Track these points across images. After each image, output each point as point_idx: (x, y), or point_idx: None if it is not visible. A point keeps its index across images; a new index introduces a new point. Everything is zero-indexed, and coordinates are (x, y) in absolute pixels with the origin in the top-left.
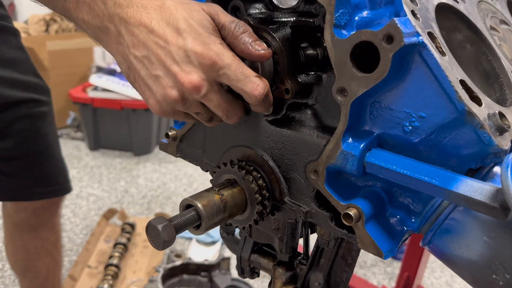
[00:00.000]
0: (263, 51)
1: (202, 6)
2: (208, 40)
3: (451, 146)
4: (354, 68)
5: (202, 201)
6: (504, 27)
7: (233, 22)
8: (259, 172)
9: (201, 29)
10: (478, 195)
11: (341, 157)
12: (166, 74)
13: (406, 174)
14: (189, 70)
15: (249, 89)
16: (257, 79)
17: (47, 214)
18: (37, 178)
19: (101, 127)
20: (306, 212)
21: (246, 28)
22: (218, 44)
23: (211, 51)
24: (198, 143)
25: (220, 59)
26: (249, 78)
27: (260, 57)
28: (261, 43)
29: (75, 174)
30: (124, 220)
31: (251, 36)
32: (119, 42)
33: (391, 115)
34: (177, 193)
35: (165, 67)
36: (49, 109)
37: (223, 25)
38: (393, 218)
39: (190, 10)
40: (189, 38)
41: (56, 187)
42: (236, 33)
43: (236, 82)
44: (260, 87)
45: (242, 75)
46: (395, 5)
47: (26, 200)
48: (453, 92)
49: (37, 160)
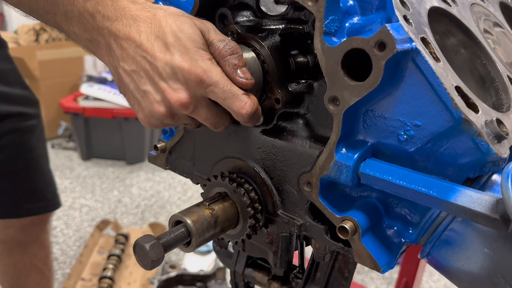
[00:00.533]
0: (245, 80)
1: (194, 21)
2: (196, 55)
3: (448, 155)
4: (346, 77)
5: (192, 216)
6: (497, 29)
7: (223, 41)
8: (251, 185)
9: (190, 43)
10: (477, 206)
11: (334, 168)
12: (154, 89)
13: (402, 185)
14: (176, 87)
15: (237, 108)
16: (244, 97)
17: (36, 230)
18: (24, 194)
19: (93, 136)
20: (301, 225)
21: (234, 49)
22: (206, 60)
23: (198, 68)
24: (188, 155)
25: (208, 76)
26: (237, 96)
27: (240, 85)
28: (246, 70)
29: (67, 184)
30: (118, 231)
31: (238, 60)
32: (110, 55)
33: (385, 124)
34: (171, 202)
35: (153, 82)
36: (37, 122)
37: (212, 42)
38: (390, 230)
39: (181, 23)
40: (177, 53)
41: (44, 203)
42: (223, 52)
43: (223, 100)
44: (248, 106)
45: (229, 93)
46: (387, 10)
47: (13, 217)
48: (449, 100)
49: (25, 176)
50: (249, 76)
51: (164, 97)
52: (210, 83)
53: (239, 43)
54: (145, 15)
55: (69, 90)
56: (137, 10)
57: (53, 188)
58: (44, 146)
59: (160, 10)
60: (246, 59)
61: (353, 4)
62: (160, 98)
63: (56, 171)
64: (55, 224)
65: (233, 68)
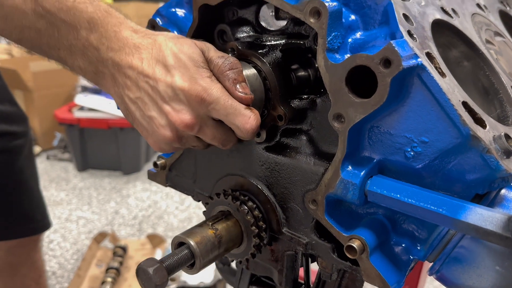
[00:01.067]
0: (244, 95)
1: (195, 41)
2: (196, 74)
3: (456, 172)
4: (350, 94)
5: (195, 237)
6: (499, 39)
7: (222, 57)
8: (254, 202)
9: (190, 63)
10: (488, 225)
11: (341, 186)
12: (159, 114)
13: (411, 203)
14: (179, 108)
15: (240, 123)
16: (247, 111)
17: (26, 251)
18: (13, 216)
19: (88, 147)
20: (306, 243)
21: (234, 64)
22: (206, 78)
23: (198, 87)
24: (189, 172)
25: (208, 94)
26: (239, 111)
27: (240, 100)
28: (245, 85)
29: (63, 196)
30: (116, 243)
31: (238, 75)
32: (115, 85)
33: (391, 140)
34: (169, 212)
35: (157, 106)
36: (25, 141)
37: (211, 59)
38: (398, 247)
39: (181, 44)
40: (177, 74)
41: (34, 225)
42: (223, 68)
43: (226, 116)
44: (252, 120)
45: (231, 109)
46: (390, 26)
47: (2, 240)
48: (456, 116)
49: (13, 198)
50: (248, 91)
51: (168, 120)
52: (211, 100)
53: (240, 59)
54: (146, 42)
55: (63, 101)
56: (138, 38)
57: (42, 209)
58: (33, 164)
59: (161, 35)
60: (247, 76)
61: (355, 19)
62: (165, 122)
63: (52, 183)
64: (52, 237)
65: (232, 82)
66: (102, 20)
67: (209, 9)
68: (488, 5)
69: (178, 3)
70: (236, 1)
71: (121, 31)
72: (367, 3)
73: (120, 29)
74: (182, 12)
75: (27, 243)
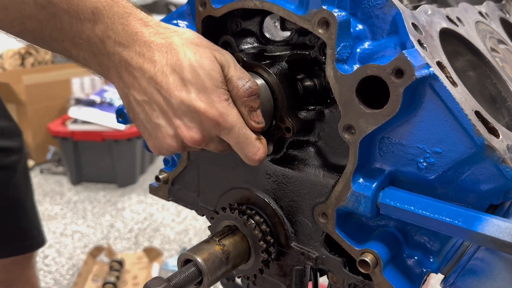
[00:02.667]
0: (257, 124)
1: (215, 53)
2: (213, 95)
3: (470, 182)
4: (361, 105)
5: (202, 254)
6: (502, 46)
7: (242, 79)
8: (262, 216)
9: (208, 81)
10: (506, 236)
11: (352, 198)
12: (167, 124)
13: (425, 215)
14: (191, 125)
15: (249, 153)
16: (257, 142)
17: (20, 268)
18: (7, 234)
19: (82, 160)
20: (316, 258)
21: (253, 91)
22: (223, 102)
23: (215, 111)
24: (192, 185)
25: (224, 120)
26: (250, 141)
27: (252, 128)
28: (260, 113)
29: (58, 211)
30: (112, 257)
31: (255, 102)
32: (121, 81)
33: (403, 151)
34: (165, 224)
35: (167, 117)
36: (19, 157)
37: (230, 78)
38: (410, 260)
39: (200, 57)
40: (194, 91)
41: (28, 242)
42: (242, 93)
43: (236, 144)
44: (261, 152)
45: (243, 138)
46: (400, 35)
47: None
48: (470, 126)
49: (7, 215)
50: (261, 120)
51: (177, 133)
52: (226, 126)
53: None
54: (160, 42)
55: (57, 114)
56: (150, 35)
57: (37, 225)
58: (28, 180)
59: (176, 36)
60: None
61: (363, 29)
62: (173, 133)
63: (46, 197)
64: (47, 253)
65: (248, 110)
66: (107, 10)
67: (212, 21)
68: (489, 13)
69: (180, 15)
70: (240, 13)
71: (129, 23)
72: (375, 13)
73: (129, 21)
74: (184, 24)
75: (22, 260)
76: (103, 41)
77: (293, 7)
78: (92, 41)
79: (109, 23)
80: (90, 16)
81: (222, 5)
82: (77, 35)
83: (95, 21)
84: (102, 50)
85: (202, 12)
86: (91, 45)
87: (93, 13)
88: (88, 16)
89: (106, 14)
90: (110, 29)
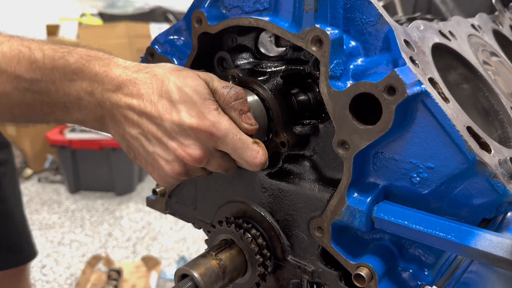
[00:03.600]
0: (250, 126)
1: (197, 73)
2: (203, 108)
3: (462, 197)
4: (354, 121)
5: (199, 269)
6: (495, 59)
7: (226, 87)
8: (258, 230)
9: (195, 96)
10: (499, 251)
11: (347, 213)
12: (164, 150)
13: (419, 230)
14: (188, 143)
15: (249, 158)
16: (255, 146)
17: (12, 282)
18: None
19: (80, 168)
20: (312, 271)
21: (239, 94)
22: (213, 111)
23: (207, 122)
24: (189, 199)
25: (217, 129)
26: (247, 145)
27: (246, 131)
28: (250, 116)
29: (56, 219)
30: (110, 267)
31: (243, 105)
32: (116, 125)
33: (396, 166)
34: (163, 233)
35: (162, 143)
36: (8, 168)
37: (216, 89)
38: (405, 273)
39: (184, 78)
40: (184, 109)
41: (19, 255)
42: (228, 98)
43: (234, 150)
44: (261, 155)
45: (239, 142)
46: (392, 52)
47: None
48: (462, 142)
49: None
50: (253, 122)
51: (176, 155)
52: (220, 135)
53: (241, 87)
54: (143, 76)
55: None
56: (133, 73)
57: (28, 238)
58: (17, 192)
59: (158, 68)
60: (250, 103)
61: (356, 46)
62: (172, 158)
63: (44, 206)
64: (45, 262)
65: (238, 113)
66: (87, 66)
67: (208, 37)
68: (482, 25)
69: (177, 31)
70: (236, 29)
71: (111, 70)
72: (368, 30)
73: (110, 68)
74: (181, 39)
75: (14, 273)
76: (92, 93)
77: (287, 25)
78: (82, 99)
79: (93, 76)
80: (74, 77)
81: (218, 22)
82: (67, 100)
83: (80, 79)
84: (93, 102)
85: (197, 28)
86: (82, 104)
87: (76, 73)
88: (72, 77)
89: (87, 69)
90: (95, 81)
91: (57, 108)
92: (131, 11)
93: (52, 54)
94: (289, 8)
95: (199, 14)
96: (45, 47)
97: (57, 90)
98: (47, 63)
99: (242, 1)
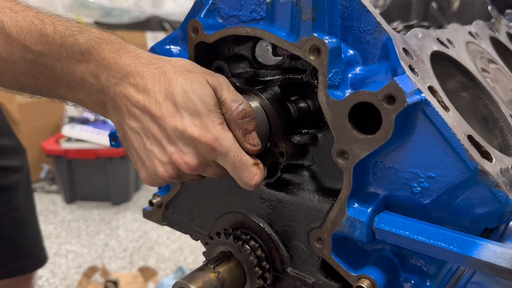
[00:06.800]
0: (253, 147)
1: (207, 77)
2: (207, 120)
3: (464, 206)
4: (354, 130)
5: (197, 283)
6: (493, 66)
7: (235, 101)
8: (257, 241)
9: (201, 105)
10: (502, 261)
11: (347, 224)
12: (160, 151)
13: (421, 240)
14: (186, 151)
15: (246, 178)
16: (254, 168)
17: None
18: (9, 255)
19: (76, 178)
20: (313, 283)
21: (247, 112)
22: (218, 126)
23: (210, 135)
24: (186, 210)
25: (219, 144)
26: (247, 167)
27: (248, 151)
28: (255, 135)
29: (52, 230)
30: (107, 278)
31: (249, 124)
32: (117, 112)
33: (396, 175)
34: (160, 243)
35: (160, 144)
36: (22, 176)
37: (224, 101)
38: (407, 284)
39: (192, 82)
40: (187, 117)
41: (31, 262)
42: (235, 115)
43: (233, 169)
44: (258, 177)
45: (239, 163)
46: (391, 61)
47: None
48: (463, 151)
49: (9, 235)
50: (256, 142)
51: (172, 160)
52: (221, 151)
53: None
54: (152, 71)
55: (50, 132)
56: (143, 65)
57: (40, 244)
58: (30, 199)
59: (169, 64)
60: None
61: (354, 54)
62: (168, 160)
63: (40, 216)
64: (41, 273)
65: (243, 133)
66: (96, 48)
67: (205, 46)
68: (479, 32)
69: (173, 40)
70: (232, 38)
71: (120, 57)
72: (366, 38)
73: (120, 55)
74: (177, 49)
75: (23, 280)
76: (97, 76)
77: (284, 34)
78: (86, 81)
79: (100, 60)
80: (81, 57)
81: (214, 31)
82: (71, 79)
83: (87, 61)
84: (97, 87)
85: (194, 38)
86: (85, 86)
87: (84, 54)
88: (79, 58)
89: (96, 52)
90: (102, 65)
91: (61, 85)
92: (127, 20)
93: (63, 30)
94: (286, 17)
95: (196, 24)
96: (57, 22)
97: (62, 67)
98: (57, 38)
99: (238, 10)
